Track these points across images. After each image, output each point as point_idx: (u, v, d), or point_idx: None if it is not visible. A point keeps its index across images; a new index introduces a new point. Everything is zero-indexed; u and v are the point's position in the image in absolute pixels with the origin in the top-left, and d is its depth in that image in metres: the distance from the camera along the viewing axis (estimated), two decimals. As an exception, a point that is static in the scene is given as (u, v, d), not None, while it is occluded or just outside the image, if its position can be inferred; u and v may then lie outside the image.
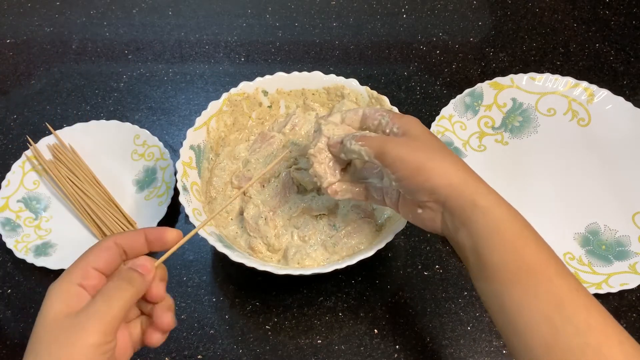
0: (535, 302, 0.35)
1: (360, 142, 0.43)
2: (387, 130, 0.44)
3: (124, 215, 0.60)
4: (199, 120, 0.58)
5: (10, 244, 0.57)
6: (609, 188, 0.61)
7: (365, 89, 0.60)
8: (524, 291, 0.36)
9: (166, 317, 0.36)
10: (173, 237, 0.37)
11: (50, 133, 0.66)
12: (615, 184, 0.62)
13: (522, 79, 0.67)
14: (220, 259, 0.59)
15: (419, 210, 0.42)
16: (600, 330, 0.33)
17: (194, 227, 0.43)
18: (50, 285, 0.33)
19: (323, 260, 0.53)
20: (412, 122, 0.44)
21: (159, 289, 0.36)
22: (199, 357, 0.53)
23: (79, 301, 0.32)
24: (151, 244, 0.36)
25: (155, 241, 0.36)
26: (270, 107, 0.63)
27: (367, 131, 0.46)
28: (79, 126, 0.66)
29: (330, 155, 0.46)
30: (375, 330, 0.54)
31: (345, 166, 0.48)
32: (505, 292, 0.37)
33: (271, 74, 0.61)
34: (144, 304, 0.37)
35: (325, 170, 0.46)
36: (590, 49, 0.76)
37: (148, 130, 0.65)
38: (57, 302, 0.32)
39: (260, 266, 0.48)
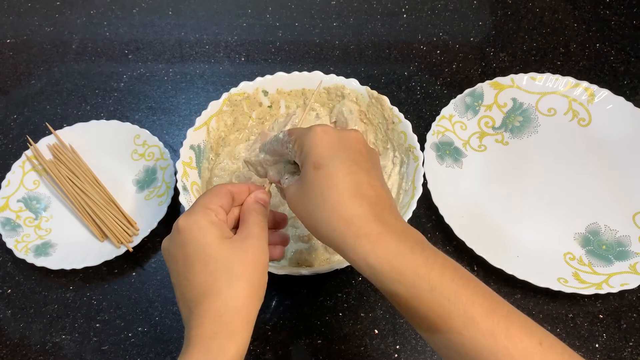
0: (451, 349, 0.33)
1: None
2: (298, 161, 0.40)
3: (124, 215, 0.60)
4: (199, 120, 0.58)
5: (10, 243, 0.57)
6: (610, 188, 0.61)
7: (365, 89, 0.60)
8: (439, 339, 0.34)
9: (283, 233, 0.45)
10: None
11: (50, 133, 0.66)
12: (616, 184, 0.62)
13: (523, 79, 0.67)
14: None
15: None
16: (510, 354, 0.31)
17: None
18: (188, 219, 0.38)
19: (323, 260, 0.53)
20: (310, 148, 0.38)
21: (272, 213, 0.45)
22: (199, 357, 0.53)
23: (225, 230, 0.39)
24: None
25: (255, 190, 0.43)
26: (270, 107, 0.63)
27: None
28: (79, 126, 0.66)
29: None
30: (375, 331, 0.54)
31: None
32: (429, 339, 0.35)
33: (271, 74, 0.61)
34: None
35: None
36: (590, 49, 0.76)
37: (148, 130, 0.65)
38: (212, 229, 0.38)
39: (260, 266, 0.48)
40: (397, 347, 0.53)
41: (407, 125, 0.56)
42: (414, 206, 0.51)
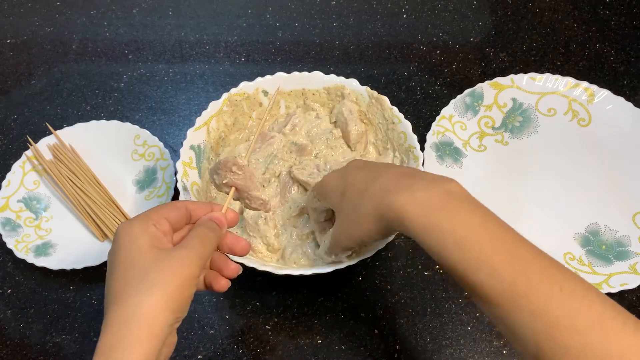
0: (520, 320, 0.33)
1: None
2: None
3: (124, 215, 0.60)
4: (199, 120, 0.58)
5: (10, 244, 0.57)
6: (609, 188, 0.61)
7: (365, 89, 0.60)
8: (507, 310, 0.34)
9: (232, 264, 0.42)
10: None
11: (50, 133, 0.66)
12: (616, 184, 0.62)
13: (523, 79, 0.67)
14: (220, 259, 0.59)
15: None
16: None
17: None
18: (125, 225, 0.37)
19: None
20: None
21: (230, 237, 0.42)
22: (199, 357, 0.53)
23: (160, 240, 0.37)
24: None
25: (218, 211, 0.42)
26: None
27: None
28: (79, 126, 0.66)
29: None
30: (376, 331, 0.54)
31: None
32: (492, 313, 0.35)
33: (271, 74, 0.61)
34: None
35: None
36: (590, 49, 0.76)
37: (148, 130, 0.65)
38: (144, 236, 0.36)
39: (260, 266, 0.48)
40: (397, 347, 0.53)
41: (407, 125, 0.56)
42: (414, 206, 0.51)
